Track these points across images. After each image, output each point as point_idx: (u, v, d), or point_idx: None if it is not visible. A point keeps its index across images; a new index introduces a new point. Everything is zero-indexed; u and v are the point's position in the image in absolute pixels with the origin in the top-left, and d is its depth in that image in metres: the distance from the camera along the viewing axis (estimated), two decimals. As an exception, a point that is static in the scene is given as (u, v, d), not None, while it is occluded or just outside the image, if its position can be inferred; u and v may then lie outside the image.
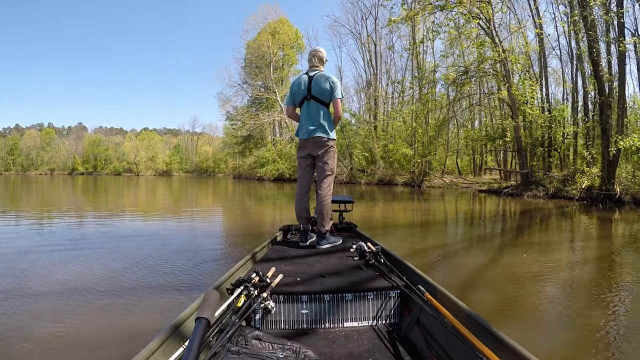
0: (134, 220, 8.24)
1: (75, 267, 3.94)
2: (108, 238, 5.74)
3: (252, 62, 39.15)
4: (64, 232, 6.35)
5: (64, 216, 8.78)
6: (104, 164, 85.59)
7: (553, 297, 3.26)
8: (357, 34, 34.32)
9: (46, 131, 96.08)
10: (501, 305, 3.06)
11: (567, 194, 13.96)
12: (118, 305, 2.87)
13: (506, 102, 16.28)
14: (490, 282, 3.67)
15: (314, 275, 2.22)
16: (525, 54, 17.23)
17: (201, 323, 1.19)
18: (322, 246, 3.07)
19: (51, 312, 2.70)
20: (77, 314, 2.67)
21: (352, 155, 28.52)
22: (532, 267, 4.11)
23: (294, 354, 1.39)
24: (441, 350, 1.52)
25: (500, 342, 1.25)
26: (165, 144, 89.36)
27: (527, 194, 14.81)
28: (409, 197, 15.54)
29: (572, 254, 5.08)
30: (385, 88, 33.94)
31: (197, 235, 6.46)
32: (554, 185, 14.80)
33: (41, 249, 4.85)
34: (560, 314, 2.83)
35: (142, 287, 3.29)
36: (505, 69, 15.12)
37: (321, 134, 3.18)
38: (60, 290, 3.20)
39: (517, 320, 2.74)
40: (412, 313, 1.85)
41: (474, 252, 5.21)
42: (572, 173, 14.88)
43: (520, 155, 15.99)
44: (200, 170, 79.80)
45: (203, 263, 4.15)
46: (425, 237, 6.47)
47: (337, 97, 3.16)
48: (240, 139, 42.22)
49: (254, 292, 1.81)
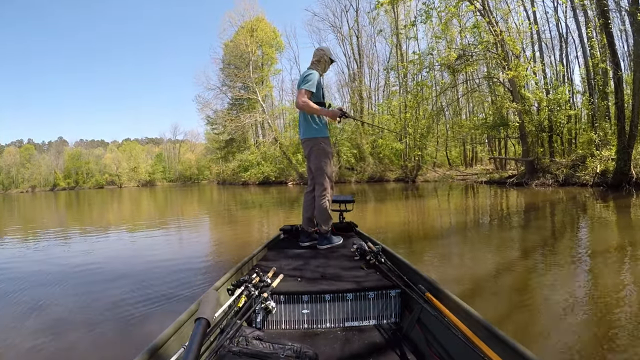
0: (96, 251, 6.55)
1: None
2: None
3: (230, 62, 37.33)
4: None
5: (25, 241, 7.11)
6: (86, 177, 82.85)
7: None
8: (338, 28, 33.00)
9: (25, 147, 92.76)
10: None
11: (579, 180, 12.78)
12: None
13: (506, 86, 15.00)
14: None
15: (314, 275, 2.23)
16: (522, 33, 16.07)
17: (201, 323, 1.16)
18: (322, 246, 3.05)
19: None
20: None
21: (340, 153, 27.10)
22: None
23: (294, 354, 1.40)
24: (442, 349, 1.50)
25: (501, 341, 1.23)
26: (147, 153, 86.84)
27: (535, 183, 13.57)
28: (407, 195, 14.08)
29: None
30: (369, 82, 32.71)
31: (176, 263, 4.57)
32: (564, 171, 13.59)
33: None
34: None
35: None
36: (503, 50, 13.83)
37: (302, 135, 3.18)
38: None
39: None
40: (413, 312, 1.82)
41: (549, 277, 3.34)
42: (582, 157, 13.71)
43: (524, 142, 14.73)
44: (184, 179, 77.57)
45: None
46: (462, 255, 4.46)
47: (298, 87, 3.05)
48: (222, 143, 40.32)
49: (254, 293, 1.82)
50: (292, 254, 2.86)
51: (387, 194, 15.33)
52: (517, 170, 17.10)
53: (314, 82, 3.01)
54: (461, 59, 14.46)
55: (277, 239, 3.46)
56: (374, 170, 25.28)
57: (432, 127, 24.40)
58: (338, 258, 2.68)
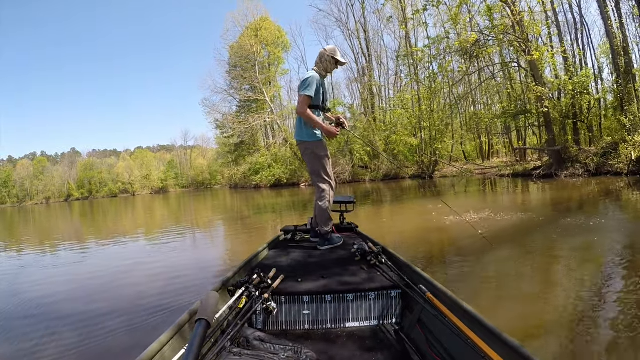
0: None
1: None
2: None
3: (236, 64, 36.96)
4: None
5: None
6: (99, 187, 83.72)
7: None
8: (344, 23, 32.26)
9: (38, 160, 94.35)
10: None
11: (612, 168, 11.91)
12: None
13: (527, 70, 14.14)
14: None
15: (315, 276, 2.18)
16: (537, 15, 15.16)
17: (201, 324, 1.17)
18: (322, 247, 3.02)
19: None
20: None
21: (353, 151, 26.37)
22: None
23: (295, 354, 1.39)
24: (443, 349, 1.50)
25: (501, 341, 1.22)
26: (159, 160, 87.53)
27: (565, 174, 12.72)
28: (426, 193, 13.38)
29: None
30: (378, 77, 31.91)
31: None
32: (594, 160, 12.70)
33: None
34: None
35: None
36: (522, 32, 12.99)
37: (297, 137, 3.15)
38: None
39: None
40: (414, 313, 1.81)
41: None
42: (613, 144, 12.80)
43: (550, 130, 13.85)
44: (197, 184, 77.64)
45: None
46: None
47: (298, 93, 3.01)
48: (232, 146, 39.85)
49: (255, 293, 1.82)
50: (293, 255, 2.84)
51: (405, 192, 14.62)
52: (540, 161, 16.18)
53: (312, 85, 2.95)
54: (477, 43, 13.62)
55: (278, 239, 3.44)
56: (389, 167, 24.50)
57: (451, 118, 23.42)
58: (338, 258, 2.65)
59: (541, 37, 16.05)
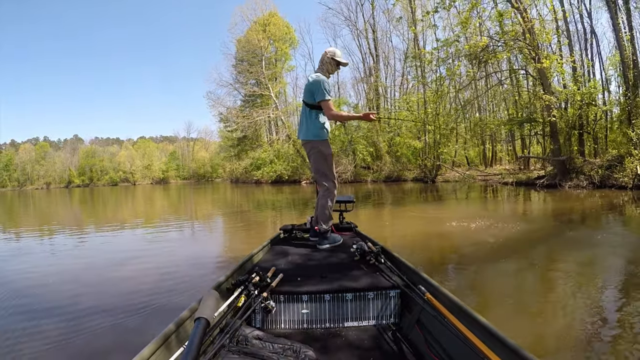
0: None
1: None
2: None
3: (243, 58, 36.82)
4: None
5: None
6: (100, 174, 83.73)
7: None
8: (353, 22, 32.12)
9: (40, 145, 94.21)
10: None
11: (617, 182, 11.81)
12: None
13: (536, 78, 14.03)
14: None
15: (314, 275, 2.17)
16: (547, 23, 15.05)
17: (200, 323, 1.16)
18: (322, 246, 3.01)
19: None
20: None
21: (355, 151, 26.27)
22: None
23: (294, 353, 1.40)
24: (442, 350, 1.50)
25: (500, 342, 1.22)
26: (162, 151, 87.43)
27: (568, 185, 12.63)
28: (429, 197, 13.30)
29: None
30: (385, 79, 31.80)
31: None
32: (599, 172, 12.60)
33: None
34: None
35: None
36: (533, 39, 12.87)
37: (303, 137, 3.16)
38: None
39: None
40: (413, 313, 1.82)
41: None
42: (619, 157, 12.70)
43: (555, 139, 13.74)
44: (198, 177, 77.69)
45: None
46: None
47: (321, 99, 2.96)
48: (235, 141, 39.75)
49: (254, 292, 1.81)
50: (292, 254, 2.82)
51: (406, 194, 14.55)
52: (544, 171, 16.08)
53: (331, 88, 3.04)
54: (487, 49, 13.50)
55: (277, 238, 3.42)
56: (391, 169, 24.40)
57: (457, 122, 23.27)
58: (338, 258, 2.65)
59: (551, 46, 15.95)
